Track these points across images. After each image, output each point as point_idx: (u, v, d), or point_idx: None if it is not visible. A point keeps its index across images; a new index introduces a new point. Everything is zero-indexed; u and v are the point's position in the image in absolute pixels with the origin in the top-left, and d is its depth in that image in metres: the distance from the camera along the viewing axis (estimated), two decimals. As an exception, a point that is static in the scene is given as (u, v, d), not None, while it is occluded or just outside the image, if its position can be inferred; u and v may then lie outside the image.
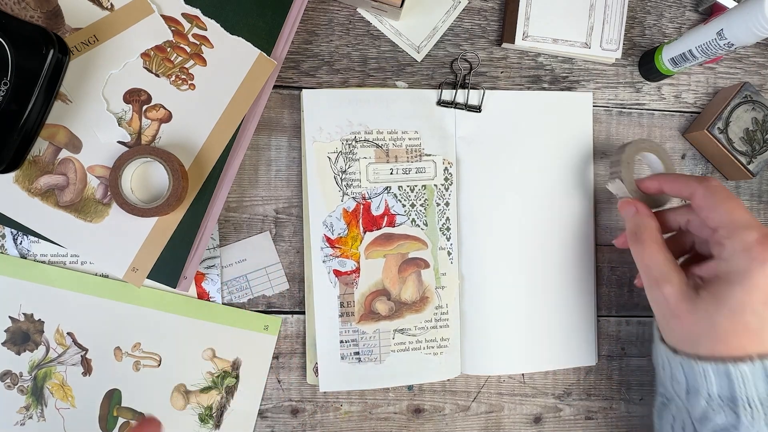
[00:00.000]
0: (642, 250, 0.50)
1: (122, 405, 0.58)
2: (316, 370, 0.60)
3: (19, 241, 0.56)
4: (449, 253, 0.61)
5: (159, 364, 0.58)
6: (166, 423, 0.58)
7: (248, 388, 0.60)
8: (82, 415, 0.58)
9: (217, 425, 0.59)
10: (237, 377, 0.59)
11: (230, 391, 0.59)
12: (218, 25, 0.54)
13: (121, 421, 0.58)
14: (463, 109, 0.61)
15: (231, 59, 0.55)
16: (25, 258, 0.56)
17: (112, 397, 0.58)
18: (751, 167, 0.61)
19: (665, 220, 0.55)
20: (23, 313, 0.57)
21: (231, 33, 0.55)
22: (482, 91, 0.61)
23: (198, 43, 0.54)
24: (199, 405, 0.59)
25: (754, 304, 0.42)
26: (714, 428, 0.45)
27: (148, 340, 0.58)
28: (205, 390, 0.59)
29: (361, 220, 0.59)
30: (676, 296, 0.46)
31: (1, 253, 0.56)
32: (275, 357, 0.60)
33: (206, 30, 0.54)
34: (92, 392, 0.58)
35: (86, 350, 0.58)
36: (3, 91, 0.49)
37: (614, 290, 0.65)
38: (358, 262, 0.59)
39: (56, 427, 0.58)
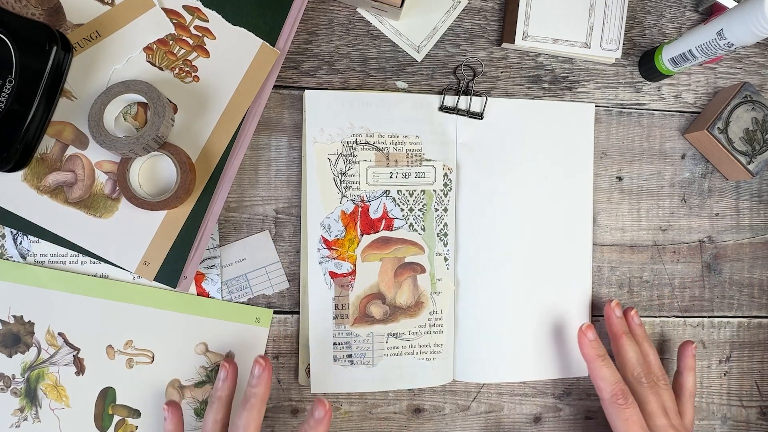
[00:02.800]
0: None
1: (117, 403, 0.58)
2: (308, 371, 0.60)
3: (18, 241, 0.56)
4: (446, 259, 0.61)
5: (152, 361, 0.58)
6: (162, 419, 0.58)
7: (243, 381, 0.59)
8: (77, 414, 0.58)
9: None
10: None
11: None
12: (219, 16, 0.55)
13: (116, 419, 0.58)
14: (464, 115, 0.61)
15: (234, 50, 0.55)
16: (26, 258, 0.56)
17: (107, 396, 0.58)
18: (751, 167, 0.61)
19: None
20: (13, 316, 0.57)
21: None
22: (485, 98, 0.61)
23: (200, 34, 0.55)
24: (194, 400, 0.59)
25: None
26: None
27: (140, 337, 0.58)
28: (200, 384, 0.59)
29: (358, 223, 0.59)
30: None
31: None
32: (275, 357, 0.60)
33: (208, 21, 0.55)
34: (86, 391, 0.58)
35: (78, 350, 0.58)
36: (8, 90, 0.49)
37: (614, 290, 0.65)
38: (355, 265, 0.59)
39: (52, 427, 0.57)
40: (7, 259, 0.56)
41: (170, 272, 0.55)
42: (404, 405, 0.62)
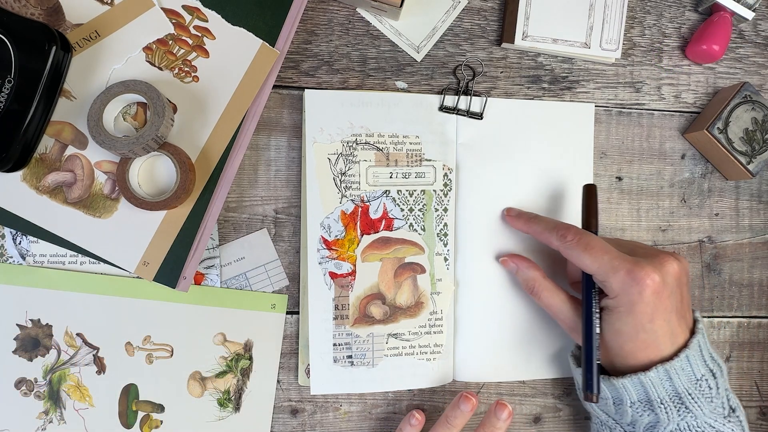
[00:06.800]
0: (537, 299, 0.58)
1: (140, 399, 0.58)
2: (308, 371, 0.60)
3: (18, 241, 0.56)
4: (446, 259, 0.61)
5: (171, 355, 0.58)
6: (186, 412, 0.59)
7: (263, 368, 0.60)
8: (101, 413, 0.58)
9: (237, 408, 0.59)
10: (250, 358, 0.59)
11: (245, 373, 0.59)
12: (219, 16, 0.55)
13: (141, 414, 0.58)
14: (464, 115, 0.61)
15: (234, 50, 0.55)
16: (25, 258, 0.56)
17: (129, 392, 0.58)
18: (750, 167, 0.61)
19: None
20: (30, 320, 0.57)
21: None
22: (484, 98, 0.61)
23: (200, 34, 0.55)
24: (216, 390, 0.59)
25: (643, 324, 0.51)
26: (644, 427, 0.54)
27: (158, 332, 0.58)
28: (221, 375, 0.59)
29: (358, 223, 0.59)
30: (578, 329, 0.56)
31: (2, 262, 0.56)
32: (275, 357, 0.60)
33: (207, 21, 0.55)
34: (109, 390, 0.58)
35: (97, 349, 0.58)
36: (7, 89, 0.49)
37: (614, 290, 0.65)
38: (354, 265, 0.59)
39: (77, 428, 0.58)
40: (7, 260, 0.56)
41: (169, 272, 0.55)
42: (404, 405, 0.62)
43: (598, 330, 0.53)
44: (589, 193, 0.58)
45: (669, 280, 0.51)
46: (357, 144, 0.59)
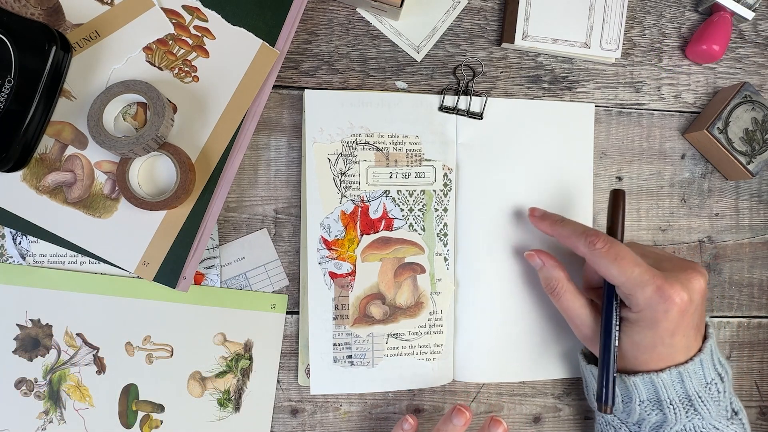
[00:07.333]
0: (557, 300, 0.57)
1: (140, 399, 0.58)
2: (308, 371, 0.60)
3: (18, 241, 0.56)
4: (445, 259, 0.61)
5: (171, 355, 0.58)
6: (186, 412, 0.59)
7: (263, 368, 0.60)
8: (101, 413, 0.58)
9: (237, 408, 0.59)
10: (250, 358, 0.59)
11: (245, 373, 0.59)
12: (219, 16, 0.55)
13: (141, 414, 0.58)
14: (464, 115, 0.61)
15: (234, 50, 0.55)
16: (25, 258, 0.56)
17: (129, 392, 0.58)
18: (750, 167, 0.61)
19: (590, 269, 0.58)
20: (30, 320, 0.57)
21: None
22: (484, 98, 0.61)
23: (200, 34, 0.55)
24: (216, 390, 0.59)
25: (663, 339, 0.51)
26: (650, 426, 0.54)
27: (158, 332, 0.58)
28: (221, 375, 0.59)
29: (358, 223, 0.59)
30: (594, 339, 0.56)
31: (2, 262, 0.56)
32: (275, 357, 0.60)
33: (207, 21, 0.55)
34: (109, 390, 0.58)
35: (97, 349, 0.58)
36: (7, 89, 0.49)
37: (614, 290, 0.65)
38: (354, 265, 0.59)
39: (77, 428, 0.58)
40: (7, 260, 0.56)
41: (169, 272, 0.55)
42: (404, 405, 0.62)
43: (617, 343, 0.53)
44: (616, 198, 0.56)
45: (695, 298, 0.51)
46: (357, 144, 0.59)
